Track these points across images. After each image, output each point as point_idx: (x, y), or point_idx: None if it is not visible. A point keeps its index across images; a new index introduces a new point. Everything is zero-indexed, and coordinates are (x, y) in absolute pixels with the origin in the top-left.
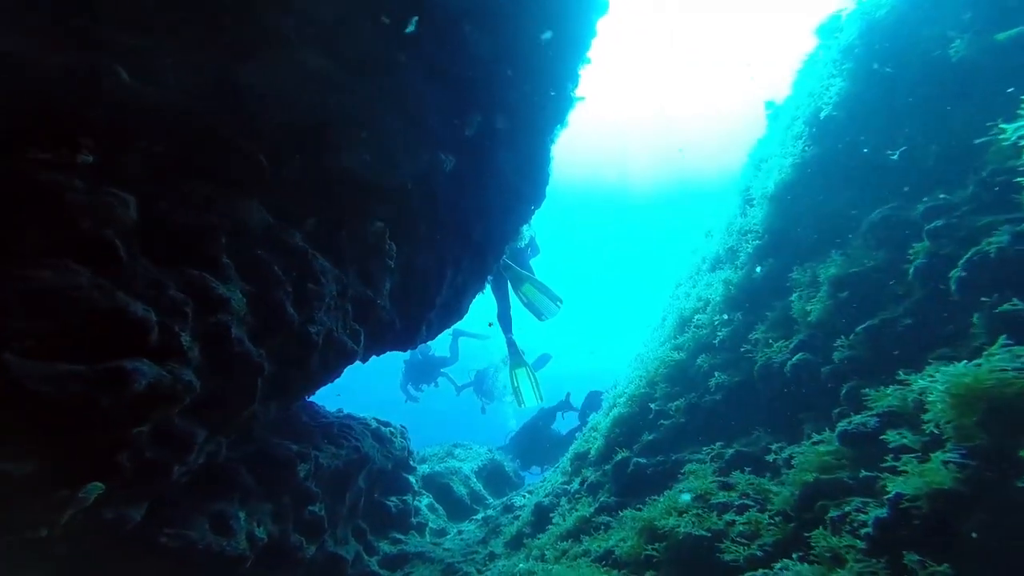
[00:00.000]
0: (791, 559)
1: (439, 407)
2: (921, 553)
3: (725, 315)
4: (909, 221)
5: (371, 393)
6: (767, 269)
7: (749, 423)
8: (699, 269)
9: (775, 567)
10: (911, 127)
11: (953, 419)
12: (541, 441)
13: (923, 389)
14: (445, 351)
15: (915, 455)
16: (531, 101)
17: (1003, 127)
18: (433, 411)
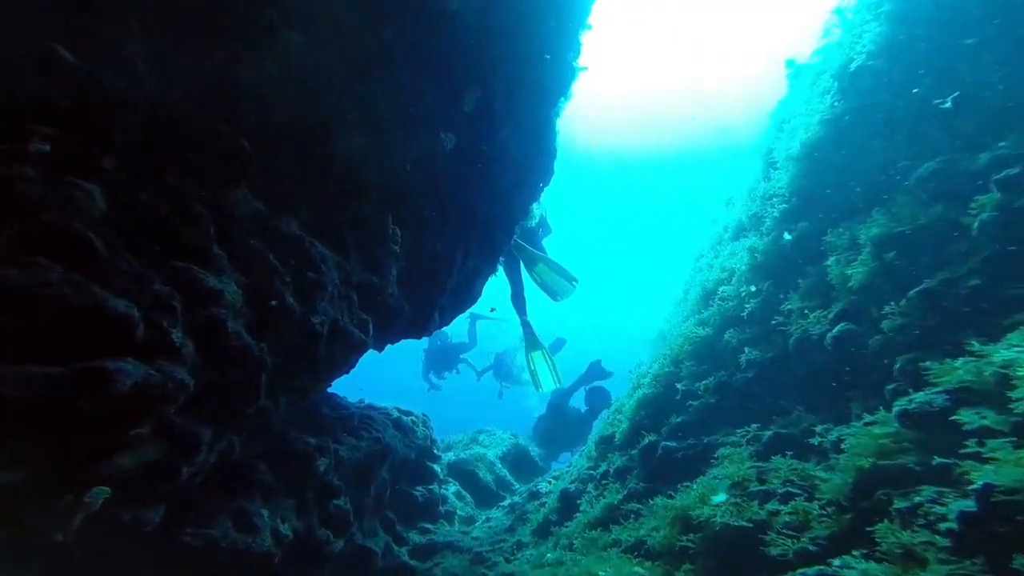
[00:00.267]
0: (852, 555)
1: (460, 393)
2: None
3: (752, 286)
4: (969, 172)
5: (391, 382)
6: (797, 234)
7: (787, 402)
8: (721, 239)
9: (833, 563)
10: (967, 69)
11: None
12: (565, 420)
13: (1007, 361)
14: (462, 336)
15: (1008, 440)
16: (531, 73)
17: None
18: (453, 397)
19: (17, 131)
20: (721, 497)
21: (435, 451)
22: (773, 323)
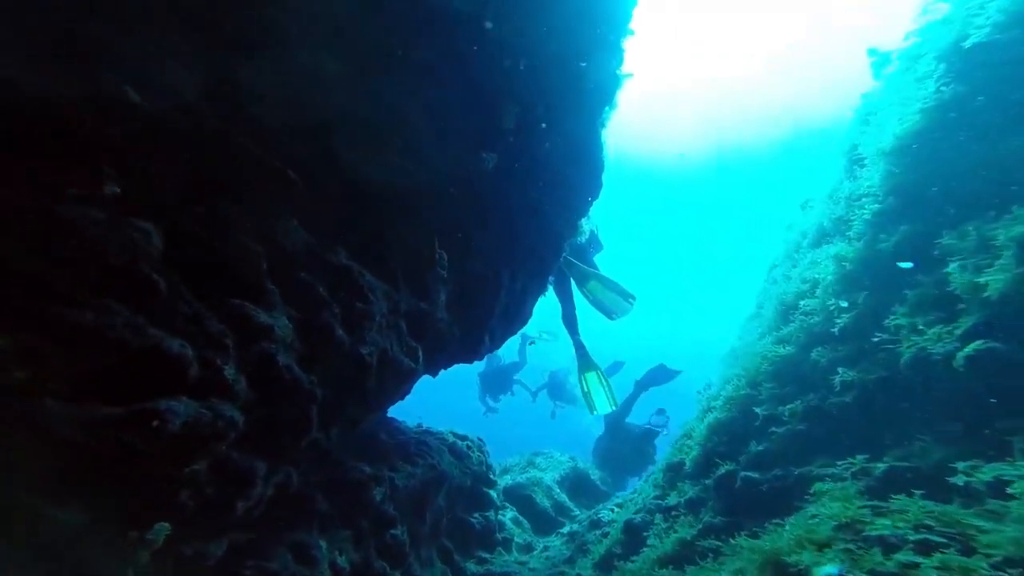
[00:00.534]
0: None
1: (516, 412)
2: None
3: (844, 298)
4: None
5: (447, 406)
6: (898, 238)
7: (902, 431)
8: (798, 246)
9: None
10: None
11: None
12: (624, 436)
13: None
14: (513, 356)
15: None
16: (572, 85)
17: None
18: (510, 417)
19: (75, 168)
20: (830, 569)
21: (491, 476)
22: (875, 340)
